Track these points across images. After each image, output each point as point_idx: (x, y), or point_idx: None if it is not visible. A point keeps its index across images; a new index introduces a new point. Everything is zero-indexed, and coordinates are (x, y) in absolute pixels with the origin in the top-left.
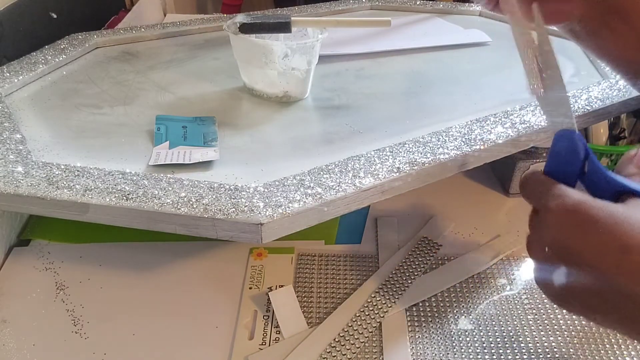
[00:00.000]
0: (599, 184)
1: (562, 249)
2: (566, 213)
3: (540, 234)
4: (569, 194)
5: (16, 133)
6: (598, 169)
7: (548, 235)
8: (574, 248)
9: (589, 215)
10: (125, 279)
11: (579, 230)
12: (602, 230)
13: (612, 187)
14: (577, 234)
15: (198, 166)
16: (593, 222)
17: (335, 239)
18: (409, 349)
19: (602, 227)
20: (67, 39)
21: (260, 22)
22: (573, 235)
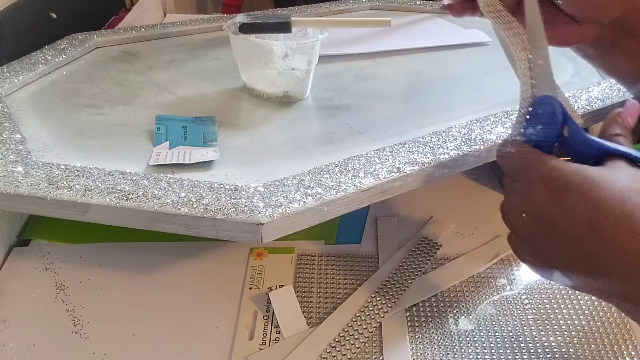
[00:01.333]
0: (580, 148)
1: (538, 215)
2: (541, 179)
3: (516, 200)
4: (545, 160)
5: (16, 133)
6: (578, 133)
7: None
8: (553, 215)
9: (564, 181)
10: (125, 279)
11: (554, 196)
12: (576, 195)
13: (592, 150)
14: (553, 199)
15: (198, 166)
16: (567, 188)
17: (335, 239)
18: (409, 349)
19: (576, 192)
20: (67, 39)
21: (260, 22)
22: (552, 203)
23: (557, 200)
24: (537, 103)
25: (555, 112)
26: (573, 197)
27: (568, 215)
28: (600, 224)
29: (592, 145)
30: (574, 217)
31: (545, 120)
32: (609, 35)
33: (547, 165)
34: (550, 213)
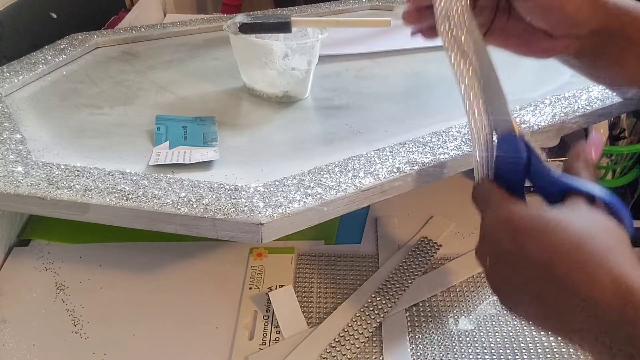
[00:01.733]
0: (544, 184)
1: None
2: (498, 224)
3: (481, 243)
4: (503, 204)
5: (16, 133)
6: (541, 169)
7: (488, 246)
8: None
9: (521, 226)
10: (125, 279)
11: (511, 240)
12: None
13: (555, 186)
14: (510, 243)
15: (198, 166)
16: (524, 232)
17: (335, 239)
18: (409, 349)
19: (533, 237)
20: (67, 39)
21: (260, 22)
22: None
23: (515, 244)
24: (500, 141)
25: (519, 149)
26: (530, 242)
27: (526, 259)
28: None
29: (554, 182)
30: (532, 262)
31: (510, 157)
32: (590, 45)
33: (505, 210)
34: (509, 255)
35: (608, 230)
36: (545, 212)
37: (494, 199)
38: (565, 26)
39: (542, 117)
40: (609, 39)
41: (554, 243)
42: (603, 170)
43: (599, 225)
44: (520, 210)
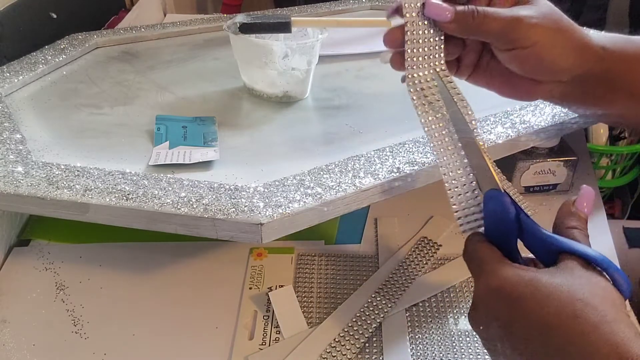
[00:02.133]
0: (535, 243)
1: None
2: (491, 292)
3: (474, 310)
4: (495, 271)
5: (16, 133)
6: (531, 229)
7: (480, 313)
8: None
9: (514, 294)
10: (125, 279)
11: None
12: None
13: (547, 246)
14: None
15: (198, 166)
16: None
17: (335, 239)
18: (409, 349)
19: (526, 305)
20: (67, 39)
21: (260, 22)
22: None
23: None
24: (485, 198)
25: (506, 207)
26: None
27: (521, 328)
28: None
29: (546, 242)
30: (527, 330)
31: (497, 216)
32: (575, 89)
33: (497, 278)
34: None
35: (605, 297)
36: (538, 277)
37: (485, 262)
38: (546, 75)
39: (542, 117)
40: (595, 83)
41: (550, 313)
42: (603, 170)
43: (595, 292)
44: (512, 277)
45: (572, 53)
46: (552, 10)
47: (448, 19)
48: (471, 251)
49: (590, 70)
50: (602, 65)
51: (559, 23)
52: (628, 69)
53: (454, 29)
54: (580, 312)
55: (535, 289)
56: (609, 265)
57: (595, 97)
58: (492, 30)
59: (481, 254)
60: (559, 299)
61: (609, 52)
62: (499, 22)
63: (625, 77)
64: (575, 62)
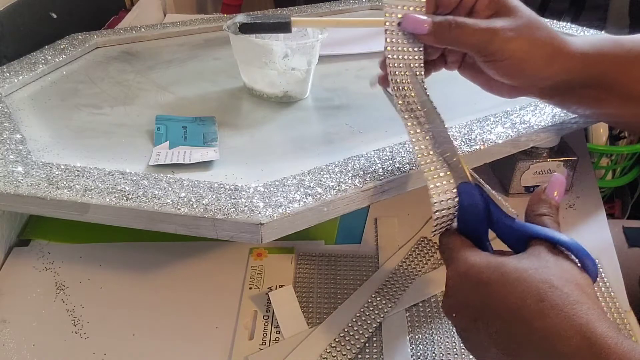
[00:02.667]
0: (505, 231)
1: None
2: (460, 278)
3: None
4: (464, 258)
5: (16, 133)
6: (499, 217)
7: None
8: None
9: (482, 279)
10: (125, 279)
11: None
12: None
13: (516, 234)
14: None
15: (198, 166)
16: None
17: (335, 239)
18: (409, 349)
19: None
20: (67, 39)
21: (260, 22)
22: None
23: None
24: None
25: (475, 198)
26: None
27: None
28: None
29: (515, 230)
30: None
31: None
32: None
33: (465, 264)
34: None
35: (570, 279)
36: (506, 262)
37: (455, 250)
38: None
39: (542, 117)
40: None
41: (516, 296)
42: (603, 170)
43: (560, 274)
44: (480, 262)
45: (548, 63)
46: (531, 21)
47: (425, 31)
48: (444, 243)
49: (571, 77)
50: (585, 70)
51: (536, 33)
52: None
53: (432, 41)
54: (544, 295)
55: (502, 274)
56: (577, 248)
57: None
58: (468, 42)
59: (452, 244)
60: (525, 282)
61: (590, 57)
62: (475, 35)
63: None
64: (550, 70)
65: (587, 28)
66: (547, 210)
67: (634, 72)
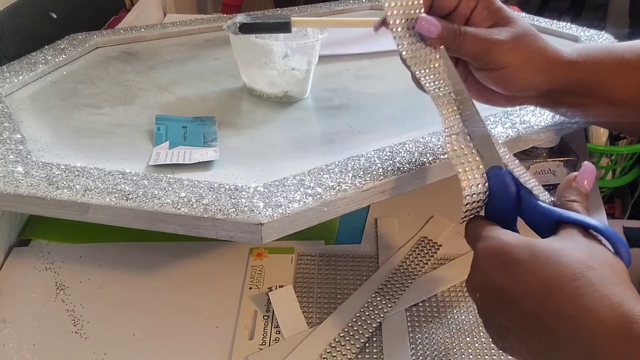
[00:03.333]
0: (535, 217)
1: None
2: (490, 256)
3: (472, 274)
4: (494, 236)
5: (16, 133)
6: (530, 202)
7: (477, 279)
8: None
9: (512, 257)
10: (125, 279)
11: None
12: (526, 272)
13: (547, 219)
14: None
15: (198, 166)
16: (516, 264)
17: (335, 239)
18: (409, 349)
19: (526, 269)
20: (67, 39)
21: (260, 22)
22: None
23: (507, 277)
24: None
25: (506, 183)
26: (522, 274)
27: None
28: (551, 302)
29: (545, 215)
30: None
31: (498, 192)
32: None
33: (496, 241)
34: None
35: (604, 262)
36: (538, 242)
37: (485, 230)
38: (515, 91)
39: (542, 117)
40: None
41: (549, 274)
42: (603, 170)
43: (595, 257)
44: (511, 241)
45: (540, 73)
46: (527, 32)
47: (435, 35)
48: (471, 229)
49: (560, 85)
50: (570, 78)
51: (532, 45)
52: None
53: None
54: (579, 275)
55: (534, 253)
56: (610, 233)
57: (568, 105)
58: (470, 50)
59: (482, 225)
60: (558, 262)
61: (578, 66)
62: (477, 44)
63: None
64: (542, 80)
65: (587, 28)
66: (578, 197)
67: (616, 78)
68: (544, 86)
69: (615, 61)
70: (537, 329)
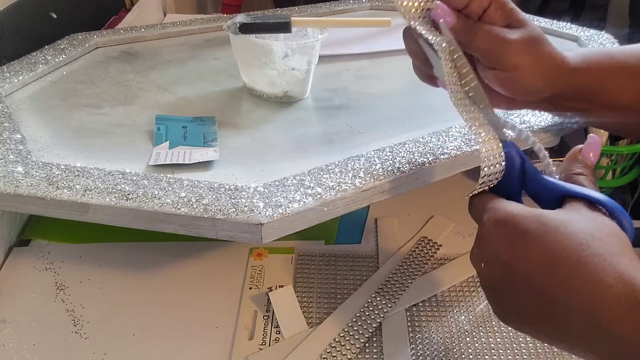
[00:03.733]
0: (540, 191)
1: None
2: (496, 226)
3: (477, 249)
4: (501, 207)
5: (16, 133)
6: (535, 176)
7: (483, 250)
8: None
9: (519, 227)
10: (125, 279)
11: (509, 243)
12: (532, 242)
13: (552, 193)
14: (509, 247)
15: (198, 166)
16: (523, 234)
17: (335, 239)
18: (409, 349)
19: (532, 239)
20: (67, 39)
21: (260, 22)
22: (505, 249)
23: (513, 246)
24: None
25: (512, 157)
26: (529, 244)
27: (524, 262)
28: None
29: (551, 188)
30: (530, 265)
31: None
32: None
33: (503, 212)
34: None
35: (611, 233)
36: (545, 213)
37: (491, 204)
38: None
39: (542, 117)
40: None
41: (556, 244)
42: (603, 170)
43: (601, 228)
44: (519, 211)
45: (546, 78)
46: (539, 36)
47: (449, 24)
48: (476, 203)
49: (559, 91)
50: (572, 84)
51: (543, 50)
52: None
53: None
54: (586, 245)
55: (541, 223)
56: (615, 207)
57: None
58: (482, 46)
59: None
60: (565, 232)
61: (580, 71)
62: (489, 40)
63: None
64: (546, 85)
65: (587, 28)
66: (584, 170)
67: (616, 83)
68: (547, 92)
69: (616, 66)
70: (542, 299)
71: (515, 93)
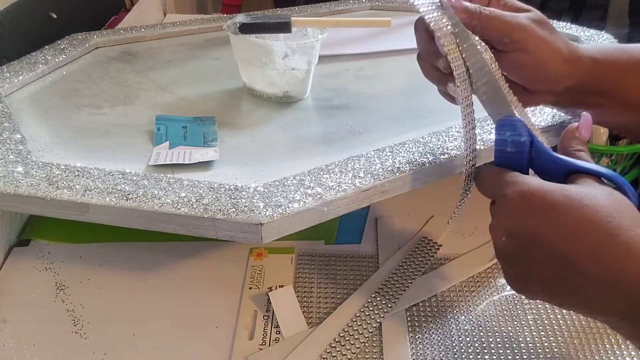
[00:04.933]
0: (547, 167)
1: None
2: (523, 199)
3: (499, 221)
4: (525, 180)
5: (16, 133)
6: (544, 152)
7: (507, 221)
8: (534, 233)
9: (548, 200)
10: (125, 279)
11: (537, 215)
12: (560, 214)
13: (560, 169)
14: (536, 219)
15: (198, 166)
16: (551, 206)
17: (335, 239)
18: (409, 349)
19: (560, 211)
20: (67, 39)
21: (260, 22)
22: (532, 221)
23: (541, 218)
24: (499, 125)
25: (520, 132)
26: (558, 216)
27: (552, 233)
28: (585, 242)
29: (559, 164)
30: (558, 236)
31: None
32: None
33: (529, 185)
34: (533, 231)
35: (630, 206)
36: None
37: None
38: (540, 84)
39: (542, 117)
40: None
41: (584, 216)
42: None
43: (620, 201)
44: (544, 185)
45: (565, 64)
46: (547, 22)
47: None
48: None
49: (581, 81)
50: (592, 76)
51: (553, 35)
52: (620, 79)
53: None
54: (612, 218)
55: (567, 197)
56: (621, 180)
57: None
58: (494, 28)
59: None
60: (591, 204)
61: (599, 63)
62: (501, 23)
63: (618, 87)
64: (567, 72)
65: (587, 28)
66: (582, 147)
67: (632, 79)
68: (568, 80)
69: (633, 61)
70: (567, 270)
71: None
